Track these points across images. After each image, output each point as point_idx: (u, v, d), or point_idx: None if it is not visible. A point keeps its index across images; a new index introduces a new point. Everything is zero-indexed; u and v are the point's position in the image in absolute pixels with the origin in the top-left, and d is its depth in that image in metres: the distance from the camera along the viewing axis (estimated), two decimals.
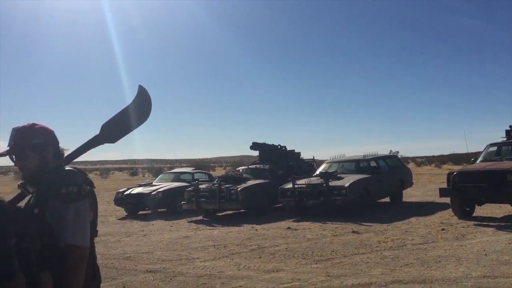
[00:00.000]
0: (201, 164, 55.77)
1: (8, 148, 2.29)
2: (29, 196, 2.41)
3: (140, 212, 15.55)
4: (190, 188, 14.17)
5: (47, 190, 2.18)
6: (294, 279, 6.28)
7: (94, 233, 2.33)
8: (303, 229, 10.62)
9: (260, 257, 7.79)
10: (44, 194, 2.19)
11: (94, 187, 2.38)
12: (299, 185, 12.85)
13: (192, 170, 18.88)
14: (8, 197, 2.31)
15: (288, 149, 17.36)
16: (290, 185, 12.96)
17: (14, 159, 2.30)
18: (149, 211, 15.60)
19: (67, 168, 2.33)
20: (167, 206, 15.13)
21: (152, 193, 15.00)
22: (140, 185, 16.61)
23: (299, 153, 17.78)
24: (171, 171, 20.27)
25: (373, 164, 14.33)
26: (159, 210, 15.44)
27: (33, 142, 2.27)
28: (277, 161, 16.10)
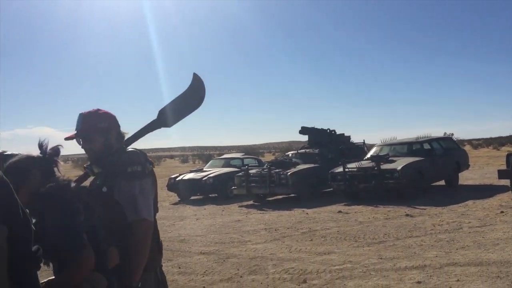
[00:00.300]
0: (249, 150, 56.21)
1: (75, 132, 2.45)
2: (92, 177, 2.57)
3: (192, 197, 15.92)
4: (240, 174, 14.34)
5: (114, 169, 2.33)
6: (346, 261, 6.28)
7: (156, 209, 2.46)
8: (355, 212, 10.54)
9: (311, 240, 7.83)
10: (111, 174, 2.34)
11: (154, 167, 2.51)
12: (350, 169, 12.71)
13: (242, 155, 19.08)
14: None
15: (337, 133, 17.18)
16: (340, 169, 12.85)
17: (81, 142, 2.45)
18: (201, 196, 15.95)
19: (130, 149, 2.48)
20: (218, 191, 15.41)
21: (203, 179, 15.31)
22: (191, 171, 16.99)
23: (349, 137, 17.56)
24: (221, 157, 20.57)
25: (426, 146, 13.94)
26: (210, 195, 15.75)
27: (98, 126, 2.42)
28: (326, 145, 15.98)
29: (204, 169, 17.06)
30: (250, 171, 14.08)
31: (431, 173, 13.07)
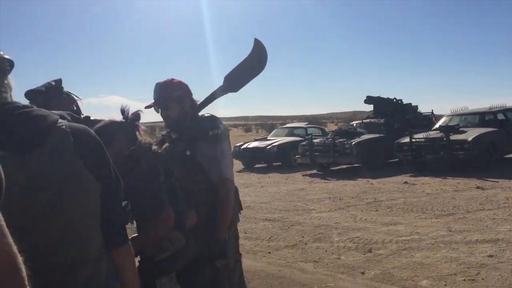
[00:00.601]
0: (312, 120, 55.92)
1: (153, 101, 2.59)
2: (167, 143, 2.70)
3: (256, 165, 16.16)
4: (304, 143, 14.35)
5: (195, 134, 2.46)
6: (413, 232, 6.18)
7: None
8: (422, 184, 10.27)
9: (376, 210, 7.75)
10: (192, 138, 2.47)
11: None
12: (417, 139, 12.35)
13: (305, 125, 19.02)
14: None
15: (404, 102, 16.65)
16: (407, 139, 12.51)
17: (159, 110, 2.59)
18: (265, 165, 16.15)
19: (206, 115, 2.59)
20: (281, 159, 15.54)
21: (267, 147, 15.46)
22: (256, 140, 17.19)
23: (416, 107, 16.97)
24: (284, 126, 20.59)
25: (500, 116, 13.20)
26: (274, 163, 15.91)
27: (174, 94, 2.56)
28: (392, 115, 15.56)
29: (268, 138, 17.21)
30: (314, 140, 14.04)
31: (505, 144, 12.40)
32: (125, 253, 1.47)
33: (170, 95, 2.55)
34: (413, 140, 12.31)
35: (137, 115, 2.27)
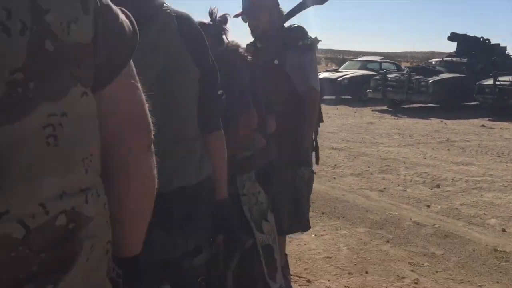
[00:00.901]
0: (387, 57, 53.52)
1: (242, 10, 2.59)
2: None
3: (325, 97, 15.94)
4: (377, 77, 13.91)
5: (284, 43, 2.47)
6: (485, 174, 5.99)
7: None
8: (500, 128, 9.78)
9: (448, 150, 7.53)
10: (281, 47, 2.48)
11: None
12: (501, 82, 11.60)
13: (380, 59, 18.32)
14: None
15: (492, 42, 15.52)
16: (490, 82, 11.79)
17: (247, 20, 2.59)
18: (333, 97, 15.91)
19: (295, 25, 2.58)
20: (352, 93, 15.21)
21: (338, 79, 15.14)
22: (327, 71, 16.86)
23: (504, 48, 15.78)
24: (358, 59, 19.96)
25: None
26: (343, 96, 15.62)
27: (263, 3, 2.54)
28: (477, 54, 14.60)
29: (340, 70, 16.81)
30: (388, 75, 13.57)
31: None
32: (218, 138, 1.55)
33: (259, 4, 2.54)
34: (497, 82, 11.59)
35: (224, 18, 2.28)
